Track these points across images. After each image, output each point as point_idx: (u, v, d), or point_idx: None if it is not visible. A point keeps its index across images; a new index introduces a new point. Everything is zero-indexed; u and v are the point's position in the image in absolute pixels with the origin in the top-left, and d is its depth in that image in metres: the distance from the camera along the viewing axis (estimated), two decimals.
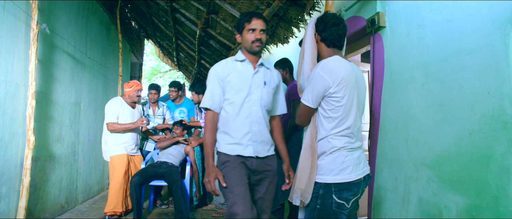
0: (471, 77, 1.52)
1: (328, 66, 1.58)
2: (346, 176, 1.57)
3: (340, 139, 1.59)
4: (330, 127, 1.59)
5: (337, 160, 1.58)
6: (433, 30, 1.77)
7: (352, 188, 1.57)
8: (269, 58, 4.79)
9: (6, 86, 2.74)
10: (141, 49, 8.37)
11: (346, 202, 1.57)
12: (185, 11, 4.72)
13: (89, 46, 4.55)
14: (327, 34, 1.68)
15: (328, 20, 1.69)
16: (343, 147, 1.59)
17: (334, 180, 1.56)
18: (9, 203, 2.77)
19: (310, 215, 1.64)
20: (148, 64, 16.29)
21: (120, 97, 3.74)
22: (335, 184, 1.56)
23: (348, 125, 1.59)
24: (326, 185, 1.57)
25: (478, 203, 1.45)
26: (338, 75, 1.55)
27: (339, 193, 1.56)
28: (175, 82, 4.60)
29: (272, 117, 2.05)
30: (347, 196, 1.56)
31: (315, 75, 1.59)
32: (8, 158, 2.76)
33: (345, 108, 1.58)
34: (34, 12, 2.84)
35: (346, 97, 1.57)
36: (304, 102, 1.64)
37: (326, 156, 1.60)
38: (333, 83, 1.54)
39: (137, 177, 3.41)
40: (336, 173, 1.57)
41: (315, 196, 1.60)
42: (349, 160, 1.59)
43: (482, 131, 1.45)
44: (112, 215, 3.43)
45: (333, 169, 1.58)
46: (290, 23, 3.22)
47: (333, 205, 1.56)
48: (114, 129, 3.53)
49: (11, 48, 2.80)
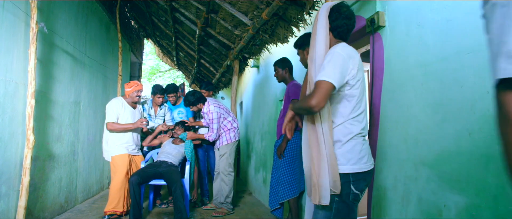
0: (470, 76, 1.52)
1: (346, 49, 1.57)
2: (363, 165, 1.54)
3: (357, 125, 1.57)
4: (348, 112, 1.56)
5: (355, 149, 1.54)
6: (433, 29, 1.77)
7: (367, 177, 1.56)
8: (269, 57, 4.79)
9: (5, 86, 2.74)
10: (140, 49, 8.36)
11: (361, 193, 1.54)
12: (185, 11, 4.71)
13: (89, 45, 4.55)
14: (337, 25, 1.65)
15: (343, 11, 1.65)
16: (360, 134, 1.56)
17: (352, 169, 1.52)
18: (8, 203, 2.77)
19: (327, 210, 1.56)
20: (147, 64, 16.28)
21: (121, 98, 3.75)
22: (353, 174, 1.52)
23: (362, 110, 1.59)
24: (344, 175, 1.52)
25: (477, 203, 1.46)
26: (355, 58, 1.57)
27: (357, 183, 1.52)
28: (171, 88, 4.48)
29: None
30: (362, 187, 1.54)
31: (336, 55, 1.50)
32: (7, 157, 2.75)
33: (359, 93, 1.57)
34: (33, 11, 2.83)
35: (360, 81, 1.57)
36: (327, 79, 1.43)
37: (342, 145, 1.55)
38: (353, 66, 1.53)
39: (136, 176, 3.42)
40: (354, 162, 1.53)
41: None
42: (365, 148, 1.58)
43: (481, 130, 1.45)
44: (112, 215, 3.43)
45: (351, 158, 1.54)
46: (289, 22, 3.22)
47: (350, 196, 1.52)
48: (113, 128, 3.53)
49: (11, 48, 2.79)
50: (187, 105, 4.03)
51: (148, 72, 16.46)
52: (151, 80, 16.59)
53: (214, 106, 3.95)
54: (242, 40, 4.03)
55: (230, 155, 4.06)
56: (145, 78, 16.12)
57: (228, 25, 4.16)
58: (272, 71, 3.72)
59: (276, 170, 3.18)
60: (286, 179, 3.01)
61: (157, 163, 3.81)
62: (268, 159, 4.53)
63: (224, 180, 4.01)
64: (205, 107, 3.98)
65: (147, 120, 3.66)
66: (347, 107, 1.56)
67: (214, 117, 3.91)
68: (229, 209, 4.04)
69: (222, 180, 4.04)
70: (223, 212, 3.99)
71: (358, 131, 1.56)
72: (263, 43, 4.06)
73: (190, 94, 3.96)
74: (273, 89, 4.49)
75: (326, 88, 1.43)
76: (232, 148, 4.08)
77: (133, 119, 3.70)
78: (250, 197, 5.19)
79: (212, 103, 3.98)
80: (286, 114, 1.71)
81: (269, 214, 3.95)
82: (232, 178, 4.06)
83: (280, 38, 3.54)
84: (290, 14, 3.08)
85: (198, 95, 3.95)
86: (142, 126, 3.69)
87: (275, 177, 3.18)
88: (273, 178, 3.21)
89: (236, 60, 4.87)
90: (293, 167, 3.03)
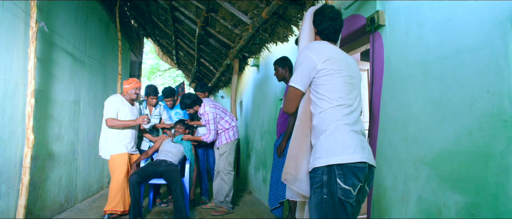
0: (470, 75, 1.52)
1: (314, 46, 1.58)
2: (348, 156, 1.43)
3: (339, 111, 1.50)
4: (327, 105, 1.51)
5: (338, 138, 1.46)
6: (432, 28, 1.76)
7: (356, 172, 1.43)
8: (269, 56, 4.78)
9: (5, 85, 2.73)
10: (140, 48, 8.36)
11: (353, 188, 1.42)
12: (185, 10, 4.71)
13: (89, 44, 4.54)
14: (323, 28, 1.67)
15: (326, 13, 1.67)
16: (342, 121, 1.48)
17: (335, 160, 1.42)
18: (8, 202, 2.77)
19: (317, 210, 1.46)
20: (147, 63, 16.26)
21: (119, 95, 3.74)
22: (338, 166, 1.42)
23: (345, 102, 1.52)
24: (329, 169, 1.43)
25: (477, 202, 1.46)
26: (324, 52, 1.55)
27: (344, 176, 1.41)
28: (168, 93, 4.40)
29: None
30: (353, 181, 1.42)
31: (301, 56, 1.57)
32: (7, 156, 2.75)
33: (337, 85, 1.52)
34: (33, 10, 2.83)
35: (336, 74, 1.52)
36: (292, 84, 1.57)
37: (326, 136, 1.47)
38: (318, 60, 1.52)
39: (136, 175, 3.42)
40: (337, 153, 1.43)
41: (319, 185, 1.45)
42: (351, 138, 1.47)
43: (481, 129, 1.46)
44: (112, 214, 3.43)
45: (333, 148, 1.45)
46: (289, 21, 3.21)
47: (339, 192, 1.41)
48: (113, 124, 3.50)
49: (10, 47, 2.79)
50: (183, 109, 4.02)
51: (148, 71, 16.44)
52: (151, 80, 16.57)
53: (209, 107, 3.95)
54: (242, 39, 4.03)
55: (230, 154, 4.06)
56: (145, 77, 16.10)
57: (228, 24, 4.16)
58: (272, 70, 3.72)
59: (276, 169, 3.18)
60: None
61: (156, 162, 3.81)
62: (268, 158, 4.53)
63: (224, 179, 4.01)
64: (201, 109, 3.98)
65: (148, 118, 3.65)
66: (326, 102, 1.51)
67: (210, 118, 3.91)
68: (229, 208, 4.04)
69: (222, 179, 4.04)
70: (223, 211, 3.99)
71: (340, 118, 1.49)
72: (263, 42, 4.05)
73: (186, 97, 3.95)
74: (273, 88, 4.49)
75: (292, 93, 1.59)
76: (231, 147, 4.08)
77: (132, 116, 3.69)
78: (250, 196, 5.20)
79: (207, 104, 3.98)
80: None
81: (269, 213, 3.95)
82: (232, 177, 4.06)
83: (280, 37, 3.53)
84: (290, 13, 3.08)
85: (194, 98, 3.95)
86: (144, 123, 3.67)
87: (275, 176, 3.18)
88: (273, 177, 3.21)
89: (236, 59, 4.87)
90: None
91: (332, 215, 1.42)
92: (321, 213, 1.43)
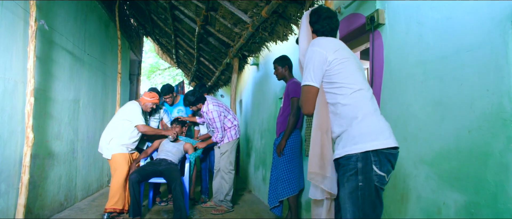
0: (470, 75, 1.52)
1: (319, 41, 1.60)
2: (385, 140, 1.40)
3: (363, 95, 1.48)
4: (349, 91, 1.49)
5: (371, 123, 1.43)
6: (432, 27, 1.76)
7: (390, 158, 1.40)
8: (268, 55, 4.78)
9: (4, 84, 2.73)
10: (140, 47, 8.34)
11: (387, 174, 1.39)
12: (184, 8, 4.70)
13: (88, 43, 4.54)
14: (319, 26, 1.70)
15: (322, 13, 1.71)
16: (370, 106, 1.46)
17: (373, 146, 1.38)
18: (8, 201, 2.77)
19: (352, 198, 1.40)
20: (147, 62, 16.25)
21: (137, 102, 3.83)
22: (374, 152, 1.38)
23: (364, 86, 1.52)
24: (364, 155, 1.39)
25: (476, 200, 1.46)
26: (331, 44, 1.56)
27: (380, 163, 1.38)
28: (166, 90, 4.44)
29: None
30: (388, 167, 1.40)
31: (309, 53, 1.57)
32: (7, 155, 2.75)
33: (352, 71, 1.52)
34: (32, 9, 2.82)
35: (347, 62, 1.52)
36: (307, 83, 1.55)
37: (359, 121, 1.43)
38: (328, 52, 1.52)
39: (136, 174, 3.42)
40: (374, 138, 1.40)
41: (353, 173, 1.41)
42: (384, 123, 1.45)
43: (481, 129, 1.46)
44: (112, 212, 3.43)
45: (369, 133, 1.40)
46: (289, 20, 3.21)
47: (375, 178, 1.38)
48: (146, 131, 3.71)
49: (9, 46, 2.79)
50: (186, 105, 4.03)
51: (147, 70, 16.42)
52: (150, 78, 16.56)
53: (213, 105, 3.94)
54: (241, 38, 4.03)
55: (231, 153, 4.06)
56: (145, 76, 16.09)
57: (228, 23, 4.15)
58: (271, 69, 3.71)
59: (275, 167, 3.18)
60: (286, 177, 3.01)
61: (156, 161, 3.81)
62: (267, 156, 4.54)
63: (225, 178, 4.01)
64: (204, 107, 3.97)
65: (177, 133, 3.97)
66: (345, 90, 1.49)
67: (215, 116, 3.90)
68: (228, 207, 4.04)
69: (222, 178, 4.04)
70: (223, 210, 3.99)
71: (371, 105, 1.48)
72: (262, 41, 4.05)
73: (189, 94, 3.96)
74: (273, 87, 4.49)
75: (309, 91, 1.56)
76: (233, 146, 4.08)
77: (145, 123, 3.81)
78: (250, 195, 5.20)
79: (211, 102, 3.97)
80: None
81: (268, 212, 3.96)
82: (233, 176, 4.06)
83: (280, 36, 3.53)
84: (290, 12, 3.08)
85: (197, 95, 3.95)
86: (173, 136, 3.93)
87: (275, 175, 3.19)
88: (273, 176, 3.22)
89: (236, 58, 4.87)
90: (292, 165, 3.03)
91: (369, 202, 1.39)
92: (356, 200, 1.39)
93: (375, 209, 1.40)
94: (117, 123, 3.64)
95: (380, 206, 1.42)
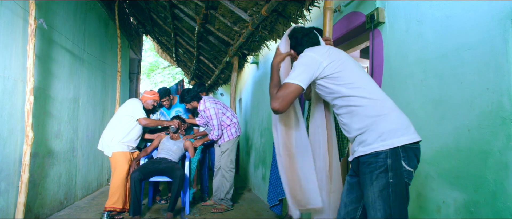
0: (470, 73, 1.52)
1: (313, 48, 1.60)
2: (411, 135, 1.38)
3: (377, 89, 1.47)
4: (363, 91, 1.45)
5: (399, 117, 1.40)
6: (432, 26, 1.76)
7: (417, 153, 1.39)
8: (268, 54, 4.78)
9: (4, 82, 2.73)
10: (139, 45, 8.33)
11: (414, 169, 1.38)
12: (184, 7, 4.69)
13: (88, 42, 4.53)
14: (301, 47, 1.70)
15: (297, 34, 1.75)
16: (388, 100, 1.44)
17: (401, 141, 1.35)
18: (8, 199, 2.77)
19: (383, 195, 1.36)
20: (146, 60, 16.21)
21: (138, 99, 3.87)
22: (402, 147, 1.35)
23: (374, 84, 1.51)
24: (393, 151, 1.35)
25: (476, 199, 1.46)
26: (323, 50, 1.56)
27: (408, 158, 1.35)
28: (162, 93, 4.38)
29: None
30: (415, 163, 1.37)
31: (303, 58, 1.54)
32: (6, 154, 2.75)
33: (354, 68, 1.51)
34: (31, 7, 2.82)
35: (346, 63, 1.51)
36: (291, 81, 1.47)
37: (384, 118, 1.40)
38: (322, 57, 1.50)
39: (138, 172, 3.43)
40: (402, 133, 1.37)
41: (382, 170, 1.36)
42: (406, 118, 1.43)
43: (480, 127, 1.46)
44: (112, 211, 3.43)
45: (397, 129, 1.37)
46: (289, 19, 3.21)
47: (404, 174, 1.35)
48: (148, 123, 3.73)
49: (9, 44, 2.78)
50: (181, 102, 4.04)
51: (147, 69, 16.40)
52: (150, 77, 16.54)
53: (209, 102, 3.94)
54: (241, 37, 4.02)
55: (232, 151, 4.06)
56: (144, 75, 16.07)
57: (227, 22, 4.15)
58: None
59: (275, 166, 3.18)
60: None
61: (157, 159, 3.81)
62: (267, 155, 4.54)
63: (225, 177, 4.01)
64: (201, 105, 3.96)
65: (179, 123, 4.01)
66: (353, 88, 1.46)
67: (212, 113, 3.89)
68: (228, 205, 4.05)
69: (223, 176, 4.04)
70: (223, 208, 4.00)
71: (389, 99, 1.47)
72: (262, 40, 4.04)
73: (185, 91, 3.97)
74: None
75: (292, 91, 1.48)
76: (233, 144, 4.08)
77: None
78: (250, 194, 5.21)
79: (207, 100, 3.97)
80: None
81: (268, 211, 3.96)
82: (233, 174, 4.06)
83: (280, 34, 3.53)
84: (290, 10, 3.07)
85: (193, 94, 3.94)
86: (175, 126, 3.98)
87: (274, 173, 3.18)
88: (272, 175, 3.21)
89: (235, 56, 4.86)
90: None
91: (400, 199, 1.36)
92: (387, 198, 1.35)
93: (405, 205, 1.38)
94: (119, 120, 3.64)
95: (408, 203, 1.41)
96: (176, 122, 4.00)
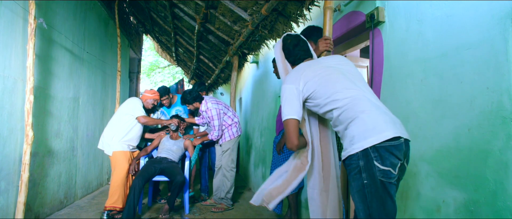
0: (470, 72, 1.52)
1: (287, 78, 1.72)
2: (380, 135, 1.40)
3: (355, 96, 1.51)
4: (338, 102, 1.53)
5: (366, 120, 1.44)
6: (432, 25, 1.76)
7: (392, 150, 1.40)
8: (268, 53, 4.77)
9: (3, 82, 2.73)
10: (139, 45, 8.33)
11: (392, 167, 1.40)
12: (184, 6, 4.69)
13: (88, 41, 4.53)
14: (293, 58, 1.84)
15: (288, 44, 1.85)
16: (363, 104, 1.48)
17: (370, 142, 1.40)
18: (8, 199, 2.77)
19: (360, 195, 1.44)
20: (146, 60, 16.21)
21: (138, 98, 3.88)
22: (373, 148, 1.40)
23: (351, 86, 1.56)
24: (364, 153, 1.41)
25: (476, 198, 1.46)
26: (296, 75, 1.67)
27: (381, 158, 1.39)
28: (162, 91, 4.38)
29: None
30: (391, 161, 1.40)
31: (283, 91, 1.68)
32: (6, 153, 2.75)
33: (330, 81, 1.59)
34: (31, 6, 2.82)
35: (320, 78, 1.60)
36: (287, 117, 1.62)
37: (354, 122, 1.46)
38: (297, 83, 1.63)
39: (140, 179, 3.37)
40: (369, 134, 1.41)
41: (357, 172, 1.44)
42: (380, 118, 1.45)
43: (480, 126, 1.46)
44: (111, 210, 3.43)
45: (365, 130, 1.43)
46: (289, 18, 3.20)
47: (378, 174, 1.39)
48: (147, 121, 3.74)
49: (9, 43, 2.78)
50: (183, 104, 4.03)
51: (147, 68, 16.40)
52: (150, 76, 16.54)
53: (212, 103, 3.93)
54: (241, 36, 4.02)
55: (233, 151, 4.06)
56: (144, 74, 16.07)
57: (227, 21, 4.14)
58: (271, 67, 3.71)
59: (275, 165, 3.18)
60: None
61: (157, 159, 3.81)
62: (267, 154, 4.54)
63: (226, 176, 4.01)
64: (203, 106, 3.96)
65: (179, 121, 4.00)
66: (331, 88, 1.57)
67: (214, 114, 3.89)
68: (228, 204, 4.05)
69: (224, 176, 4.04)
70: (223, 207, 4.00)
71: (365, 103, 1.49)
72: (262, 39, 4.04)
73: (187, 92, 3.96)
74: (272, 85, 4.48)
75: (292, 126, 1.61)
76: (235, 144, 4.07)
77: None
78: (250, 193, 5.21)
79: (209, 100, 3.96)
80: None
81: (268, 210, 3.96)
82: (234, 173, 4.06)
83: (280, 34, 3.52)
84: (290, 9, 3.07)
85: (194, 94, 3.94)
86: (175, 124, 3.99)
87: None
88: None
89: (235, 56, 4.86)
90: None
91: (377, 199, 1.40)
92: (364, 198, 1.42)
93: (384, 205, 1.40)
94: (119, 119, 3.64)
95: (391, 202, 1.42)
96: (175, 120, 3.99)
